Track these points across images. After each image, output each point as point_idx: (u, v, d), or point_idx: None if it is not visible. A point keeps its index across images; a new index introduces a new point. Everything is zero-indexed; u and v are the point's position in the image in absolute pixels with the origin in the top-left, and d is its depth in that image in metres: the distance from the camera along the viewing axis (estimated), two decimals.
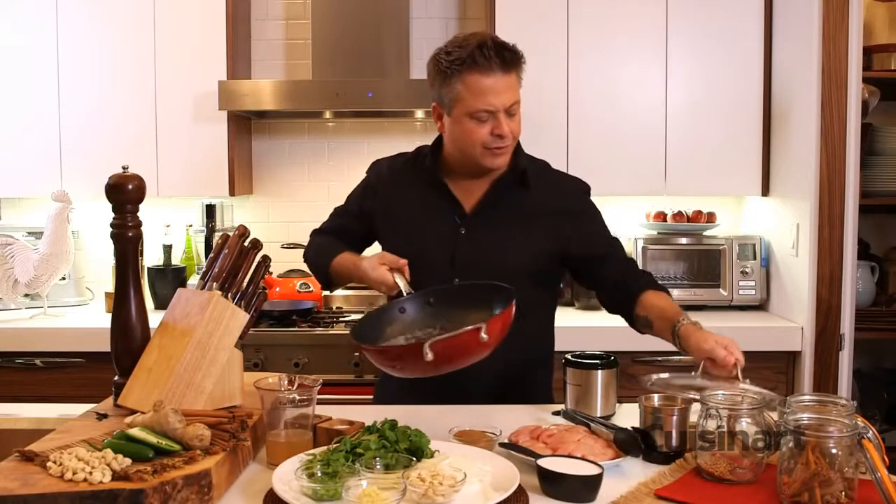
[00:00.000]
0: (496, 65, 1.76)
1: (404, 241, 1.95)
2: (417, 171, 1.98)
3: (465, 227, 1.91)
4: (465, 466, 1.29)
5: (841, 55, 2.74)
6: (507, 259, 1.89)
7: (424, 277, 1.88)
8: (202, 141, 3.20)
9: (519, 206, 1.92)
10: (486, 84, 1.76)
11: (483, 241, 1.90)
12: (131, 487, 1.17)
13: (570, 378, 1.75)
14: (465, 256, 1.89)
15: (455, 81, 1.79)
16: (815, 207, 2.80)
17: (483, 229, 1.91)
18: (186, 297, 1.68)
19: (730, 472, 1.37)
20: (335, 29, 3.24)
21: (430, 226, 1.93)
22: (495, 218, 1.91)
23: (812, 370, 2.83)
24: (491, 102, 1.77)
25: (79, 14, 3.16)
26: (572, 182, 2.02)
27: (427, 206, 1.95)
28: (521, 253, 1.90)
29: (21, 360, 2.91)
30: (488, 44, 1.77)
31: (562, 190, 1.98)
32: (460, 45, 1.79)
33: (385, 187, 2.02)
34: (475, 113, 1.79)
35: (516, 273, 1.87)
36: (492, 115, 1.79)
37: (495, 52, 1.76)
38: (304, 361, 2.87)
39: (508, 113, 1.80)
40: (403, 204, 1.98)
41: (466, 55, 1.76)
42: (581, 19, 3.13)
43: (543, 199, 1.93)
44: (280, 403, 1.44)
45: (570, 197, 1.97)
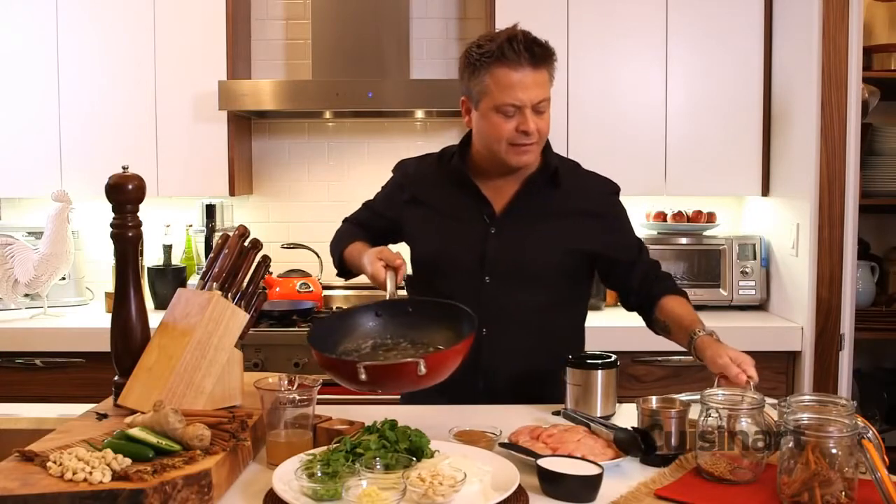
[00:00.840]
0: (525, 59, 1.74)
1: (433, 241, 1.94)
2: (445, 171, 1.97)
3: (495, 226, 1.89)
4: (465, 466, 1.29)
5: (841, 55, 2.74)
6: (537, 258, 1.88)
7: (454, 277, 1.89)
8: (202, 141, 3.20)
9: (549, 205, 1.91)
10: (514, 78, 1.75)
11: (513, 240, 1.88)
12: (131, 487, 1.17)
13: (570, 378, 1.75)
14: (495, 256, 1.88)
15: (483, 74, 1.78)
16: (815, 207, 2.80)
17: (513, 228, 1.89)
18: (186, 297, 1.68)
19: (730, 472, 1.37)
20: (335, 29, 3.24)
21: (460, 225, 1.92)
22: (525, 217, 1.90)
23: (812, 370, 2.83)
24: (518, 97, 1.75)
25: (79, 14, 3.16)
26: (602, 182, 2.00)
27: (456, 205, 1.93)
28: (551, 252, 1.88)
29: (21, 360, 2.91)
30: (518, 37, 1.75)
31: (592, 190, 1.97)
32: (491, 38, 1.78)
33: (413, 187, 2.01)
34: (501, 107, 1.77)
35: (546, 272, 1.88)
36: (518, 111, 1.77)
37: (525, 47, 1.74)
38: (304, 361, 2.87)
39: (536, 110, 1.78)
40: (432, 203, 1.96)
41: (496, 48, 1.75)
42: (581, 19, 3.13)
43: (573, 199, 1.92)
44: (280, 403, 1.44)
45: (600, 198, 1.97)
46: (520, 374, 1.87)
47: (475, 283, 1.88)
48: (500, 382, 1.86)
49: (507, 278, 1.87)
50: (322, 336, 1.64)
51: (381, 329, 1.72)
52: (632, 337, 2.88)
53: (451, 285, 1.87)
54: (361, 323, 1.72)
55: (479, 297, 1.86)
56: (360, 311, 1.75)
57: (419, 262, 1.99)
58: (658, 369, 2.90)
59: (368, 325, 1.72)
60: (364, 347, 1.69)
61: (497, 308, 1.86)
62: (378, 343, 1.69)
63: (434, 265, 1.93)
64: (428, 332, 1.68)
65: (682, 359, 2.89)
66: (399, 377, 1.48)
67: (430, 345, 1.66)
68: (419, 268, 1.97)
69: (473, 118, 1.86)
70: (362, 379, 1.42)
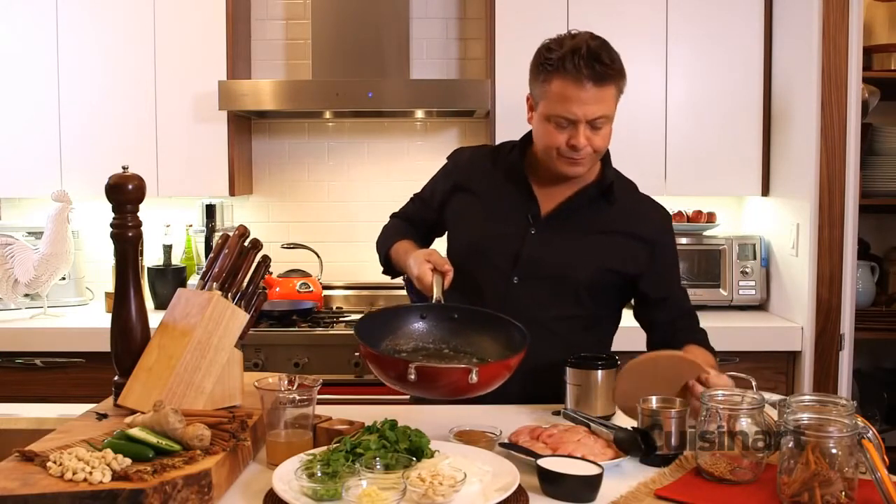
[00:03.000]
0: (585, 76, 1.69)
1: (471, 231, 1.91)
2: (501, 163, 1.94)
3: (537, 227, 1.86)
4: (465, 466, 1.29)
5: (841, 55, 2.74)
6: (572, 269, 1.84)
7: (484, 271, 1.86)
8: (202, 141, 3.19)
9: (598, 219, 1.87)
10: (572, 92, 1.71)
11: (552, 245, 1.85)
12: (131, 487, 1.17)
13: (570, 378, 1.75)
14: (530, 257, 1.84)
15: (545, 80, 1.75)
16: (815, 207, 2.80)
17: (554, 233, 1.86)
18: (186, 297, 1.68)
19: (730, 472, 1.37)
20: (335, 29, 3.24)
21: (502, 219, 1.89)
22: (570, 225, 1.86)
23: (812, 370, 2.83)
24: (572, 111, 1.72)
25: (79, 14, 3.16)
26: (657, 209, 1.95)
27: (502, 198, 1.90)
28: (587, 266, 1.84)
29: (21, 360, 2.91)
30: (582, 51, 1.69)
31: (646, 215, 1.92)
32: (562, 43, 1.74)
33: (462, 173, 1.98)
34: (554, 117, 1.75)
35: (578, 284, 1.85)
36: (572, 124, 1.74)
37: (585, 63, 1.69)
38: (304, 361, 2.87)
39: (592, 125, 1.75)
40: (478, 193, 1.93)
41: (559, 58, 1.71)
42: (581, 19, 3.12)
43: (625, 219, 1.88)
44: (280, 403, 1.44)
45: (654, 225, 1.91)
46: (536, 381, 1.82)
47: (503, 280, 1.85)
48: (516, 387, 1.74)
49: (537, 282, 1.84)
50: (369, 331, 1.63)
51: (424, 333, 1.71)
52: (632, 337, 2.88)
53: (480, 278, 1.84)
54: (405, 323, 1.71)
55: (505, 296, 1.83)
56: (405, 311, 1.74)
57: (453, 251, 1.95)
58: None
59: (412, 327, 1.71)
60: (405, 348, 1.68)
61: (521, 311, 1.78)
62: (419, 346, 1.68)
63: (467, 255, 1.89)
64: (471, 340, 1.67)
65: None
66: (448, 382, 1.47)
67: (474, 354, 1.65)
68: (452, 257, 1.90)
69: (534, 118, 1.83)
70: (410, 379, 1.41)
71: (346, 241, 3.53)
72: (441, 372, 1.48)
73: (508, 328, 1.65)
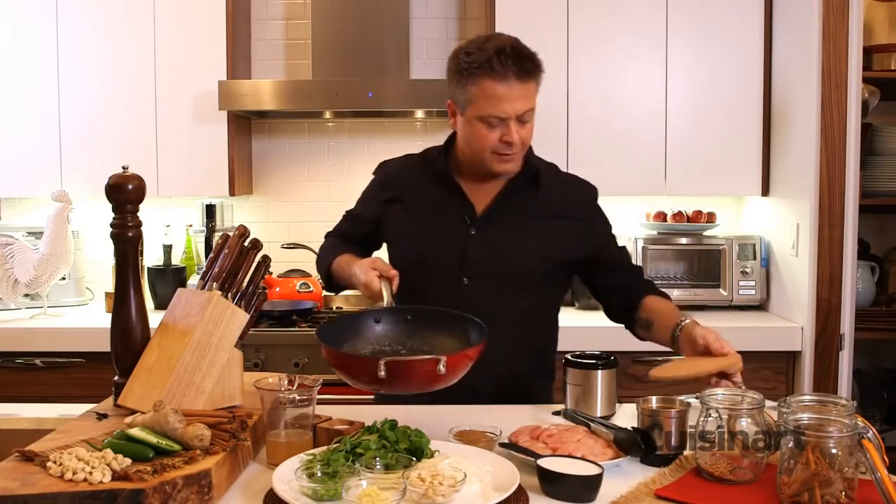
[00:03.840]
0: (512, 73, 1.74)
1: (413, 241, 1.94)
2: (429, 171, 1.97)
3: (476, 227, 1.90)
4: (465, 466, 1.29)
5: (841, 55, 2.74)
6: (517, 261, 1.89)
7: (433, 277, 1.89)
8: (202, 141, 3.20)
9: (530, 208, 1.92)
10: (500, 91, 1.75)
11: (493, 242, 1.89)
12: (131, 487, 1.17)
13: (570, 378, 1.75)
14: (475, 257, 1.88)
15: (470, 84, 1.78)
16: (815, 207, 2.80)
17: (494, 230, 1.90)
18: (186, 297, 1.68)
19: (730, 472, 1.37)
20: (335, 29, 3.24)
21: (441, 225, 1.92)
22: (506, 219, 1.91)
23: (812, 370, 2.83)
24: (503, 109, 1.76)
25: (79, 14, 3.16)
26: (582, 186, 2.01)
27: (438, 205, 1.94)
28: (531, 255, 1.89)
29: (21, 360, 2.91)
30: (507, 51, 1.74)
31: (572, 193, 1.97)
32: (480, 47, 1.78)
33: (393, 186, 2.01)
34: (486, 117, 1.78)
35: (524, 274, 1.89)
36: (502, 122, 1.78)
37: (513, 61, 1.74)
38: (304, 361, 2.87)
39: (520, 120, 1.79)
40: (414, 203, 1.97)
41: (484, 60, 1.75)
42: (581, 19, 3.13)
43: (554, 202, 1.93)
44: (280, 403, 1.44)
45: (581, 201, 1.98)
46: (500, 375, 1.87)
47: (454, 283, 1.89)
48: (481, 384, 1.80)
49: (486, 280, 1.88)
50: (329, 338, 1.63)
51: (380, 336, 1.71)
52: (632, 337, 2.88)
53: (430, 285, 1.87)
54: (361, 329, 1.72)
55: (458, 298, 1.86)
56: (360, 317, 1.74)
57: (398, 262, 1.97)
58: None
59: (368, 332, 1.71)
60: (364, 352, 1.68)
61: (475, 310, 1.81)
62: (377, 349, 1.68)
63: (413, 265, 1.91)
64: (427, 340, 1.67)
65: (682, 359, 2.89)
66: (419, 374, 1.48)
67: (431, 352, 1.65)
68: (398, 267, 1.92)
69: (459, 122, 1.87)
70: (381, 376, 1.42)
71: None
72: (409, 364, 1.49)
73: (462, 323, 1.66)
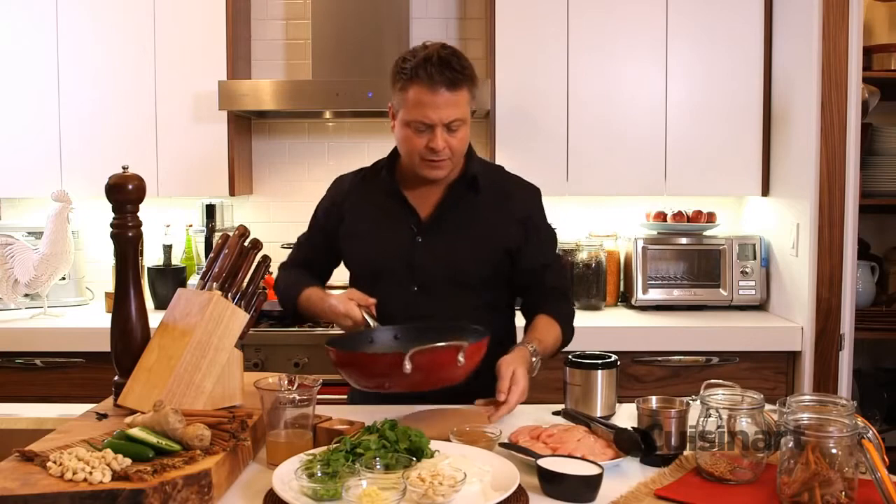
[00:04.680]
0: (438, 81, 1.78)
1: (365, 253, 1.98)
2: (376, 183, 2.01)
3: (421, 234, 1.94)
4: (465, 466, 1.29)
5: (841, 55, 2.74)
6: (463, 264, 1.92)
7: (387, 287, 1.91)
8: (202, 141, 3.20)
9: (472, 211, 1.95)
10: (426, 98, 1.79)
11: (438, 247, 1.92)
12: (131, 487, 1.17)
13: (570, 378, 1.75)
14: (423, 263, 1.91)
15: (401, 88, 1.83)
16: (815, 207, 2.80)
17: (438, 236, 1.93)
18: (186, 297, 1.68)
19: (730, 472, 1.37)
20: (335, 29, 3.24)
21: (389, 235, 1.96)
22: (450, 224, 1.94)
23: (812, 370, 2.83)
24: (427, 116, 1.80)
25: (79, 14, 3.16)
26: (525, 187, 2.04)
27: (385, 216, 1.97)
28: (475, 258, 1.93)
29: (21, 360, 2.91)
30: (433, 59, 1.78)
31: (514, 194, 2.00)
32: (415, 54, 1.83)
33: (346, 202, 2.04)
34: (412, 122, 1.82)
35: (472, 276, 1.93)
36: (429, 128, 1.82)
37: (437, 70, 1.78)
38: (304, 361, 2.87)
39: (448, 128, 1.82)
40: (363, 216, 2.00)
41: (412, 67, 1.80)
42: (581, 19, 3.13)
43: (497, 203, 1.96)
44: (280, 403, 1.44)
45: (523, 202, 2.00)
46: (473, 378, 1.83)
47: (405, 291, 1.91)
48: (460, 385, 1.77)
49: (436, 285, 1.91)
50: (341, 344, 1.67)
51: (380, 350, 1.76)
52: (632, 337, 2.88)
53: (384, 295, 1.88)
54: (358, 348, 1.74)
55: (410, 306, 1.90)
56: (355, 339, 1.79)
57: (355, 275, 2.03)
58: (658, 369, 2.90)
59: (367, 347, 1.75)
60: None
61: (427, 315, 1.88)
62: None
63: (367, 276, 1.96)
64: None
65: (682, 359, 2.89)
66: (441, 365, 1.53)
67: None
68: (355, 280, 2.01)
69: (396, 126, 1.90)
70: (407, 370, 1.47)
71: None
72: (434, 353, 1.52)
73: (451, 330, 1.70)
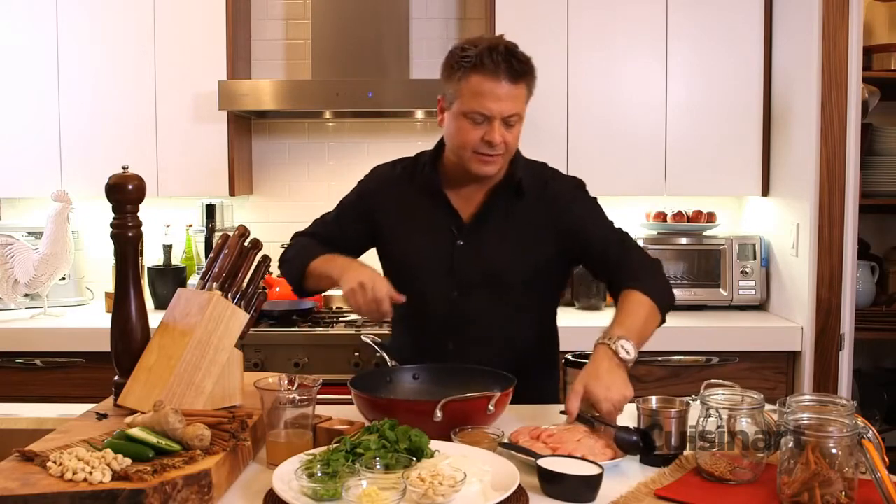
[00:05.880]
0: (502, 71, 1.73)
1: (404, 253, 1.93)
2: (416, 179, 1.96)
3: (463, 237, 1.90)
4: (465, 466, 1.29)
5: (841, 55, 2.74)
6: (505, 269, 1.88)
7: (424, 288, 1.88)
8: (202, 141, 3.20)
9: (515, 215, 1.90)
10: (487, 88, 1.74)
11: (480, 251, 1.88)
12: (131, 487, 1.17)
13: (570, 378, 1.75)
14: (463, 267, 1.88)
15: (460, 78, 1.78)
16: (815, 207, 2.80)
17: (480, 240, 1.89)
18: (186, 297, 1.68)
19: (730, 472, 1.37)
20: (335, 29, 3.24)
21: (428, 236, 1.92)
22: (492, 228, 1.89)
23: (812, 370, 2.83)
24: (488, 106, 1.75)
25: (79, 14, 3.16)
26: (566, 182, 1.97)
27: (425, 215, 1.93)
28: (518, 262, 1.88)
29: (21, 360, 2.91)
30: (500, 48, 1.74)
31: (556, 195, 1.92)
32: (475, 43, 1.78)
33: (383, 195, 1.99)
34: (470, 113, 1.77)
35: (514, 281, 1.88)
36: (487, 120, 1.77)
37: (503, 59, 1.73)
38: (304, 361, 2.87)
39: (506, 123, 1.78)
40: (403, 214, 1.95)
41: (475, 55, 1.75)
42: (581, 19, 3.13)
43: (539, 207, 1.90)
44: (280, 403, 1.44)
45: (564, 200, 1.92)
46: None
47: (443, 294, 1.89)
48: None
49: (474, 289, 1.87)
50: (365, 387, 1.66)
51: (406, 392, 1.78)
52: None
53: (421, 300, 1.86)
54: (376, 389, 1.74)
55: (450, 311, 1.88)
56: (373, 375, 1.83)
57: (390, 273, 1.96)
58: (658, 369, 2.90)
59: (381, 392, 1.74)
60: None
61: (467, 322, 1.87)
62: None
63: (404, 277, 1.89)
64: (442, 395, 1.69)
65: (682, 359, 2.89)
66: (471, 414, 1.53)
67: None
68: (390, 278, 1.90)
69: (446, 118, 1.86)
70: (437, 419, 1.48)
71: None
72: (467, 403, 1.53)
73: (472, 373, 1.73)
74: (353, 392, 1.61)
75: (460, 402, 1.51)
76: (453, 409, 1.50)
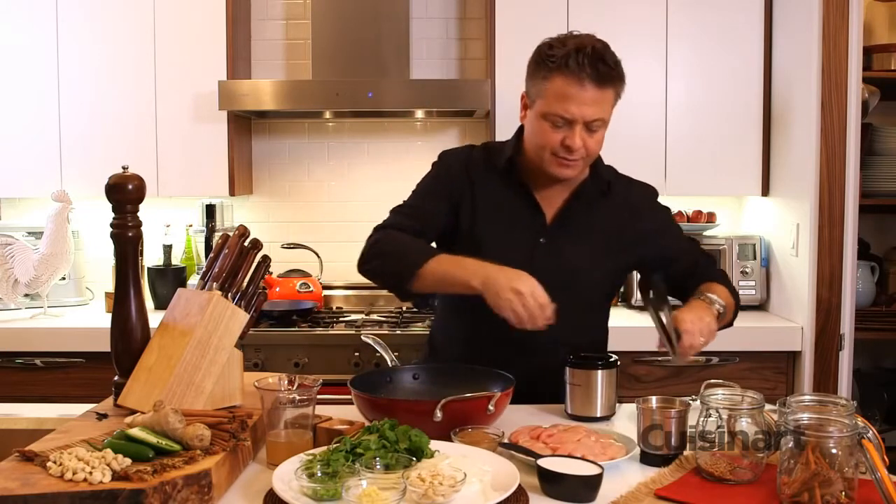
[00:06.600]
0: (587, 75, 1.68)
1: (481, 240, 1.86)
2: (496, 170, 1.90)
3: (546, 236, 1.87)
4: (465, 466, 1.29)
5: (841, 55, 2.74)
6: (584, 271, 1.86)
7: None
8: (202, 141, 3.19)
9: (599, 217, 1.89)
10: (572, 91, 1.69)
11: (562, 251, 1.86)
12: (131, 487, 1.17)
13: (570, 378, 1.75)
14: (544, 265, 1.80)
15: (544, 77, 1.73)
16: (815, 207, 2.80)
17: (563, 240, 1.86)
18: (186, 297, 1.68)
19: (730, 472, 1.37)
20: (335, 29, 3.24)
21: (510, 229, 1.87)
22: (576, 229, 1.87)
23: (812, 370, 2.83)
24: (570, 110, 1.70)
25: (79, 14, 3.16)
26: (646, 188, 1.99)
27: (507, 208, 1.87)
28: (598, 264, 1.88)
29: (21, 360, 2.91)
30: (587, 50, 1.68)
31: (638, 200, 1.94)
32: (564, 42, 1.72)
33: (459, 183, 1.89)
34: (551, 115, 1.72)
35: (587, 281, 1.88)
36: (568, 124, 1.72)
37: (589, 62, 1.68)
38: (304, 361, 2.87)
39: (588, 128, 1.73)
40: (485, 201, 1.88)
41: (561, 55, 1.69)
42: (581, 19, 3.12)
43: (622, 211, 1.90)
44: (280, 403, 1.44)
45: (645, 206, 1.95)
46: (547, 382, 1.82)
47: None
48: (539, 387, 1.81)
49: (553, 288, 1.78)
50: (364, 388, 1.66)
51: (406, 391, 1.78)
52: (632, 337, 2.88)
53: None
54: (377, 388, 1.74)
55: None
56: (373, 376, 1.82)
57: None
58: (658, 369, 2.90)
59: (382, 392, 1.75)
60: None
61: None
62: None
63: None
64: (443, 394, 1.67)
65: None
66: (471, 414, 1.53)
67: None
68: None
69: (528, 116, 1.81)
70: (437, 419, 1.48)
71: (347, 241, 3.52)
72: (466, 403, 1.53)
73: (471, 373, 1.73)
74: (353, 392, 1.61)
75: (460, 401, 1.52)
76: (453, 409, 1.50)
